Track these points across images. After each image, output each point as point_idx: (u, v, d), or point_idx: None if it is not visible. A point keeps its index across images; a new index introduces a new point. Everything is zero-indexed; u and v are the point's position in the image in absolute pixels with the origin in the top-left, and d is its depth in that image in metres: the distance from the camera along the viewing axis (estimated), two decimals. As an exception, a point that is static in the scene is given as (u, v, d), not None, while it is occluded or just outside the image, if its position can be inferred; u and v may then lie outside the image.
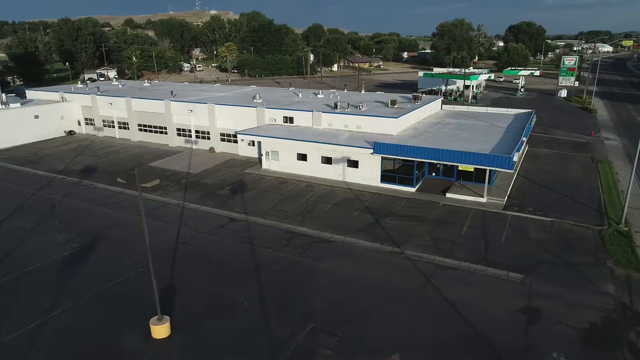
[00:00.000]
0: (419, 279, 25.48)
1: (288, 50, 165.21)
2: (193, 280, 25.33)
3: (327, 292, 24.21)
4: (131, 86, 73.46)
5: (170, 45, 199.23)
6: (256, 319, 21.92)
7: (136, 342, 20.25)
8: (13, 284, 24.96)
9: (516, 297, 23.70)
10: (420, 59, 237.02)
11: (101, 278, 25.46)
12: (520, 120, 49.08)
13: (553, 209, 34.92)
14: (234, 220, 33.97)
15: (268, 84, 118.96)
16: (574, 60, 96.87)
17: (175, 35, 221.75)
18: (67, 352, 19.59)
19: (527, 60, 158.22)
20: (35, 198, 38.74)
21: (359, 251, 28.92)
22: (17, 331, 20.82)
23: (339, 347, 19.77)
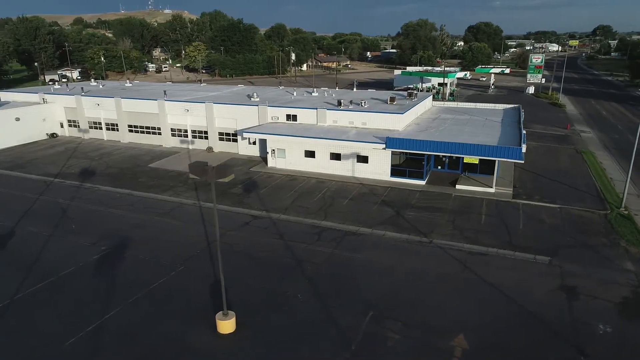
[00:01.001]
0: (456, 266, 26.68)
1: (258, 49, 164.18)
2: (240, 276, 25.37)
3: (374, 281, 24.95)
4: (113, 86, 71.20)
5: (131, 45, 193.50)
6: (314, 309, 22.36)
7: (204, 338, 20.24)
8: (55, 288, 24.15)
9: (549, 277, 25.32)
10: (385, 59, 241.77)
11: (143, 279, 25.05)
12: (511, 115, 51.66)
13: (557, 196, 37.21)
14: (256, 217, 34.06)
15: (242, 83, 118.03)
16: (540, 58, 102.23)
17: (136, 34, 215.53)
18: (137, 352, 19.34)
19: (489, 59, 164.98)
20: (40, 203, 37.21)
21: (390, 242, 29.82)
22: (76, 335, 20.30)
23: (405, 332, 20.57)
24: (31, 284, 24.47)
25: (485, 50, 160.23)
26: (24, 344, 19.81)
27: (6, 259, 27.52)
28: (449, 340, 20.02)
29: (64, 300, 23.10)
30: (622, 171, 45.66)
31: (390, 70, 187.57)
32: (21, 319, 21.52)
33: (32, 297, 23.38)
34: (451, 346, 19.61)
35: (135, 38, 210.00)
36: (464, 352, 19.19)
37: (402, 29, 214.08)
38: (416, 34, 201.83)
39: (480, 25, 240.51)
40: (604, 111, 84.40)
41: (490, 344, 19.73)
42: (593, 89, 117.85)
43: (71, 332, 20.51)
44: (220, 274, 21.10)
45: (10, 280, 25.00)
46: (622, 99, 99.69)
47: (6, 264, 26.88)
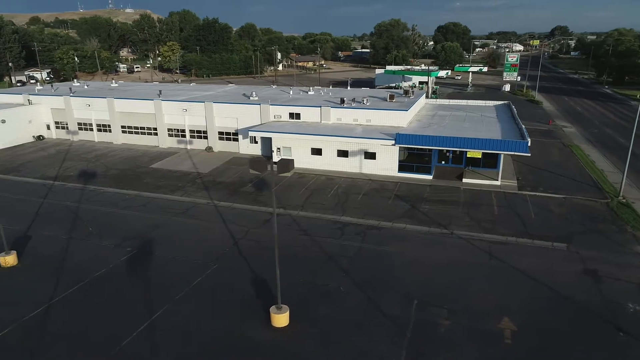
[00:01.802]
0: (482, 255, 27.79)
1: (234, 49, 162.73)
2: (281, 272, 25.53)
3: (408, 272, 25.71)
4: (99, 87, 69.28)
5: (98, 45, 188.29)
6: (359, 300, 22.90)
7: (260, 332, 20.43)
8: (92, 290, 23.69)
9: (571, 262, 26.79)
10: (358, 58, 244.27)
11: (181, 277, 24.90)
12: (503, 111, 53.68)
13: (559, 187, 39.13)
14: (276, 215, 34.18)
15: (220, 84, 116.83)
16: (516, 57, 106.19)
17: (102, 34, 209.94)
18: (196, 348, 19.34)
19: (462, 58, 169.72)
20: (47, 206, 36.08)
21: (413, 235, 30.70)
22: (131, 334, 20.08)
23: (453, 318, 21.39)
24: (66, 287, 23.91)
25: (457, 50, 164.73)
26: (79, 346, 19.46)
27: (30, 262, 26.70)
28: (496, 323, 20.98)
29: (106, 302, 22.71)
30: (609, 163, 48.40)
31: (366, 70, 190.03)
32: (68, 322, 21.08)
33: (71, 299, 22.89)
34: (500, 329, 20.58)
35: (102, 38, 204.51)
36: (513, 334, 20.18)
37: (375, 29, 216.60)
38: (389, 34, 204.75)
39: (449, 26, 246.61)
40: (578, 107, 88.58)
41: (535, 326, 20.81)
42: (563, 87, 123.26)
43: (125, 332, 20.27)
44: (276, 269, 21.35)
45: (41, 283, 24.36)
46: (592, 96, 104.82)
47: (32, 268, 26.10)
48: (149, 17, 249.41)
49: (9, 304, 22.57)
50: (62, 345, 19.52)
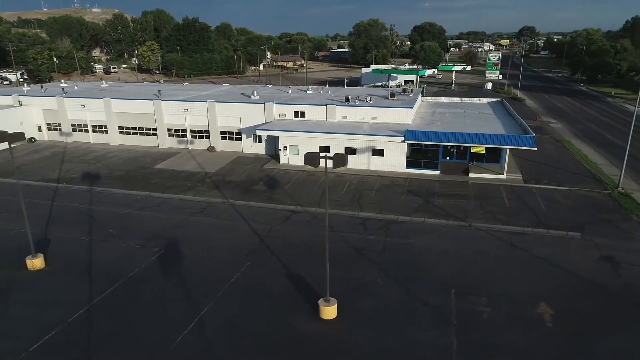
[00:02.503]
0: (504, 245, 28.86)
1: (215, 49, 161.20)
2: (311, 267, 25.90)
3: (438, 263, 26.48)
4: (89, 87, 67.70)
5: (71, 45, 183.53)
6: (398, 292, 23.51)
7: (310, 325, 20.77)
8: (131, 290, 23.50)
9: (588, 250, 28.13)
10: (337, 58, 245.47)
11: (217, 275, 24.97)
12: (499, 108, 55.39)
13: (561, 180, 40.81)
14: (294, 212, 34.52)
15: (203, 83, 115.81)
16: (497, 56, 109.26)
17: (74, 34, 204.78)
18: (249, 342, 19.52)
19: (440, 58, 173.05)
20: (58, 209, 35.30)
21: (434, 228, 31.54)
22: (182, 332, 20.09)
23: (493, 305, 22.24)
24: (103, 288, 23.63)
25: (436, 49, 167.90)
26: (133, 345, 19.37)
27: (57, 265, 26.20)
28: (534, 309, 21.95)
29: (148, 301, 22.59)
30: (600, 156, 50.64)
31: (347, 69, 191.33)
32: (116, 322, 20.90)
33: (111, 300, 22.65)
34: (539, 314, 21.55)
35: (73, 38, 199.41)
36: (553, 318, 21.18)
37: (354, 29, 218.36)
38: (367, 34, 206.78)
39: (425, 26, 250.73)
40: (559, 104, 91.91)
41: (570, 310, 21.86)
42: (540, 85, 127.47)
43: (176, 330, 20.27)
44: (326, 263, 21.68)
45: (75, 285, 23.99)
46: (570, 93, 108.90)
47: (60, 270, 25.64)
48: (122, 16, 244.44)
49: (48, 306, 22.17)
50: (115, 344, 19.38)
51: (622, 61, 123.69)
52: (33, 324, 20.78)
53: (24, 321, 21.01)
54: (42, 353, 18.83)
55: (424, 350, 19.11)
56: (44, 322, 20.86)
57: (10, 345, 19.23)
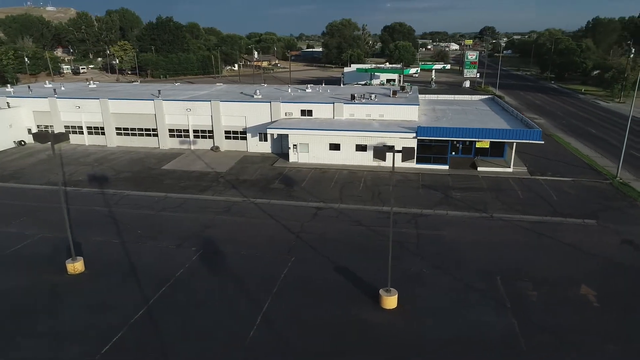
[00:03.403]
0: (529, 233, 30.30)
1: (190, 49, 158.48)
2: (354, 260, 26.44)
3: (474, 252, 27.55)
4: (77, 88, 65.48)
5: (33, 45, 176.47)
6: (447, 281, 24.38)
7: (373, 314, 21.33)
8: (183, 289, 23.33)
9: (607, 235, 29.95)
10: (309, 58, 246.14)
11: (267, 272, 25.13)
12: (493, 104, 57.50)
13: (563, 171, 42.98)
14: (320, 208, 34.91)
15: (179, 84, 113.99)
16: (475, 55, 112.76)
17: (35, 34, 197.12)
18: (319, 333, 19.87)
19: (414, 57, 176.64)
20: (76, 212, 34.24)
21: (459, 220, 32.68)
22: (251, 328, 20.23)
23: (538, 289, 23.43)
24: (154, 289, 23.36)
25: (410, 49, 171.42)
26: (207, 343, 19.36)
27: (97, 268, 25.61)
28: (577, 290, 23.32)
29: (207, 299, 22.52)
30: (590, 149, 53.44)
31: (324, 69, 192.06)
32: (181, 322, 20.77)
33: (168, 300, 22.44)
34: (583, 295, 22.92)
35: (35, 37, 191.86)
36: (597, 298, 22.58)
37: (327, 29, 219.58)
38: (341, 34, 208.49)
39: (395, 26, 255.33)
40: (537, 101, 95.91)
41: (610, 290, 23.35)
42: (513, 82, 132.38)
43: (244, 326, 20.38)
44: (389, 256, 22.26)
45: (123, 287, 23.63)
46: (544, 90, 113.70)
47: (102, 273, 25.11)
48: (86, 15, 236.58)
49: (104, 308, 21.77)
50: (188, 344, 19.31)
51: (587, 60, 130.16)
52: (95, 326, 20.39)
53: (84, 324, 20.58)
54: (115, 355, 18.57)
55: (489, 332, 20.04)
56: (106, 324, 20.51)
57: (81, 349, 18.86)
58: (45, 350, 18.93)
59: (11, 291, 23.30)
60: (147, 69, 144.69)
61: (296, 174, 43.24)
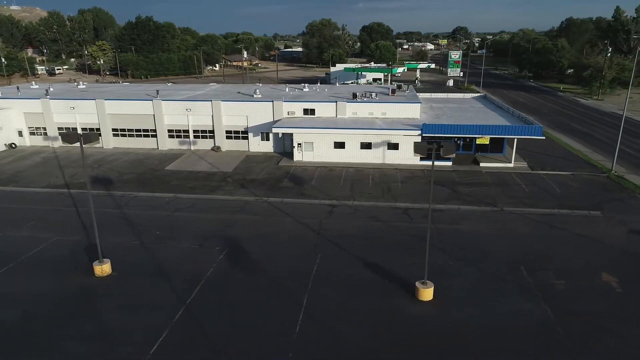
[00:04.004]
0: (542, 225, 31.37)
1: (171, 49, 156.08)
2: (380, 254, 26.87)
3: (494, 244, 28.41)
4: (66, 89, 63.80)
5: (3, 45, 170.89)
6: (473, 271, 25.08)
7: (411, 305, 21.83)
8: (218, 288, 23.29)
9: (615, 225, 31.31)
10: (289, 57, 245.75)
11: (296, 269, 25.31)
12: (486, 102, 58.98)
13: (561, 166, 44.54)
14: (334, 206, 35.23)
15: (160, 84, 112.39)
16: (458, 54, 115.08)
17: (4, 33, 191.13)
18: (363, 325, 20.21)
19: (395, 56, 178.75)
20: (86, 214, 33.52)
21: (471, 214, 33.57)
22: (296, 322, 20.41)
23: (562, 277, 24.37)
24: (188, 289, 23.23)
25: (391, 49, 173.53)
26: (256, 340, 19.44)
27: (123, 269, 25.24)
28: (599, 277, 24.37)
29: (244, 297, 22.55)
30: (581, 145, 55.41)
31: (306, 69, 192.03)
32: (225, 320, 20.78)
33: (205, 299, 22.37)
34: (605, 282, 23.97)
35: (4, 37, 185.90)
36: (619, 284, 23.67)
37: (307, 29, 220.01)
38: (321, 33, 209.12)
39: (373, 26, 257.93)
40: (520, 99, 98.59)
41: (630, 277, 24.48)
42: (494, 81, 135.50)
43: (288, 320, 20.56)
44: (426, 252, 22.73)
45: (156, 288, 23.42)
46: (524, 89, 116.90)
47: (131, 274, 24.79)
48: (58, 15, 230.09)
49: (141, 309, 21.57)
50: (238, 341, 19.35)
51: (563, 59, 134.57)
52: (137, 327, 20.20)
53: (127, 325, 20.36)
54: (165, 355, 18.46)
55: (526, 320, 20.79)
56: (148, 325, 20.34)
57: (130, 350, 18.68)
58: (95, 352, 18.66)
59: (44, 295, 22.79)
60: (128, 70, 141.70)
61: (303, 172, 43.42)
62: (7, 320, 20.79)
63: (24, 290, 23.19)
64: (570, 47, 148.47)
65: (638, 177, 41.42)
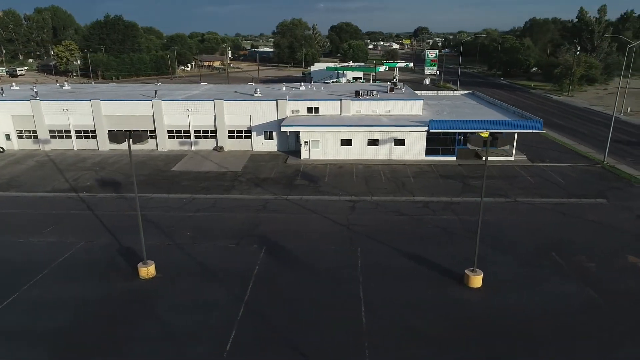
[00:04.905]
0: (556, 214, 33.08)
1: (142, 48, 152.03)
2: (415, 246, 27.65)
3: (520, 233, 29.77)
4: (52, 90, 61.27)
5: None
6: (510, 259, 26.26)
7: (464, 292, 22.70)
8: (272, 286, 23.37)
9: (622, 211, 33.42)
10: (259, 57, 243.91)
11: (340, 263, 25.72)
12: (477, 98, 61.09)
13: (558, 158, 46.89)
14: (355, 202, 35.77)
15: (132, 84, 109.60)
16: (435, 53, 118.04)
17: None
18: (424, 312, 20.90)
19: (366, 56, 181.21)
20: (107, 218, 32.70)
21: (489, 205, 34.53)
22: (360, 313, 20.85)
23: (592, 261, 25.92)
24: (240, 287, 23.22)
25: (363, 48, 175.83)
26: (330, 333, 19.75)
27: (167, 271, 24.88)
28: (625, 260, 26.07)
29: (301, 293, 22.78)
30: (567, 138, 58.34)
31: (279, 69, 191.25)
32: (287, 316, 20.95)
33: (262, 297, 22.40)
34: (632, 263, 25.69)
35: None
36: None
37: (278, 28, 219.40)
38: (292, 33, 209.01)
39: (342, 25, 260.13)
40: (495, 96, 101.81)
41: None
42: (467, 80, 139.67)
43: (351, 313, 20.94)
44: (477, 240, 23.60)
45: (208, 287, 23.29)
46: (498, 87, 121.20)
47: (177, 275, 24.48)
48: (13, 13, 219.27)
49: (202, 309, 21.40)
50: (307, 334, 19.60)
51: (530, 57, 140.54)
52: (203, 327, 20.07)
53: (192, 326, 20.17)
54: (242, 352, 18.49)
55: (573, 301, 22.08)
56: (212, 324, 20.26)
57: (203, 350, 18.57)
58: (166, 353, 18.45)
59: (94, 299, 22.21)
60: (98, 70, 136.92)
61: (313, 170, 43.73)
62: (65, 325, 20.19)
63: (71, 296, 22.52)
64: (534, 46, 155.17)
65: (627, 167, 44.20)
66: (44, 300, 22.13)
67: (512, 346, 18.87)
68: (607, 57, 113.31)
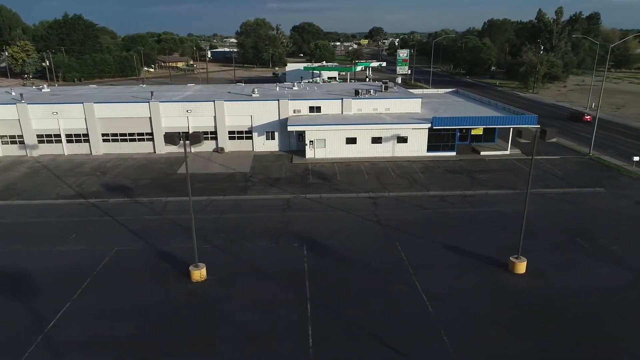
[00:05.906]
0: (564, 203, 35.31)
1: (103, 49, 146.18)
2: (452, 238, 28.79)
3: (539, 221, 31.50)
4: (35, 93, 58.11)
5: None
6: (541, 246, 27.86)
7: (511, 278, 24.02)
8: (330, 282, 23.73)
9: (621, 198, 36.11)
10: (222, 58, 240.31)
11: (387, 258, 26.45)
12: (462, 96, 63.53)
13: (548, 151, 49.67)
14: (375, 198, 36.58)
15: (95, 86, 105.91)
16: (406, 53, 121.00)
17: None
18: (481, 298, 22.00)
19: (333, 55, 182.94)
20: (129, 223, 31.77)
21: (499, 197, 36.71)
22: (424, 305, 21.64)
23: (613, 244, 27.99)
24: (297, 284, 23.48)
25: (330, 48, 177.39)
26: (399, 324, 20.38)
27: (217, 273, 24.66)
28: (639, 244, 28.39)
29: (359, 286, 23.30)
30: (546, 132, 61.76)
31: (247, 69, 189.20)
32: (357, 309, 21.44)
33: (323, 294, 22.70)
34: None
35: None
36: (660, 245, 27.81)
37: (242, 28, 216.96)
38: (256, 33, 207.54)
39: (304, 25, 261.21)
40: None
41: (662, 239, 28.81)
42: (435, 78, 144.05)
43: (416, 304, 21.72)
44: (522, 230, 24.88)
45: (267, 286, 23.35)
46: (465, 85, 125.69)
47: (230, 277, 24.36)
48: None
49: (267, 308, 21.46)
50: (387, 325, 20.16)
51: (491, 57, 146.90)
52: (277, 325, 20.19)
53: (264, 325, 20.24)
54: (328, 347, 18.82)
55: (611, 279, 23.95)
56: (283, 322, 20.46)
57: (287, 347, 18.76)
58: (251, 352, 18.47)
59: (154, 305, 21.76)
60: (59, 72, 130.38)
61: (322, 168, 44.17)
62: (137, 332, 19.71)
63: (129, 302, 21.92)
64: (493, 45, 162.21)
65: (611, 158, 47.59)
66: (102, 308, 21.45)
67: (576, 325, 20.23)
68: (565, 56, 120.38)
